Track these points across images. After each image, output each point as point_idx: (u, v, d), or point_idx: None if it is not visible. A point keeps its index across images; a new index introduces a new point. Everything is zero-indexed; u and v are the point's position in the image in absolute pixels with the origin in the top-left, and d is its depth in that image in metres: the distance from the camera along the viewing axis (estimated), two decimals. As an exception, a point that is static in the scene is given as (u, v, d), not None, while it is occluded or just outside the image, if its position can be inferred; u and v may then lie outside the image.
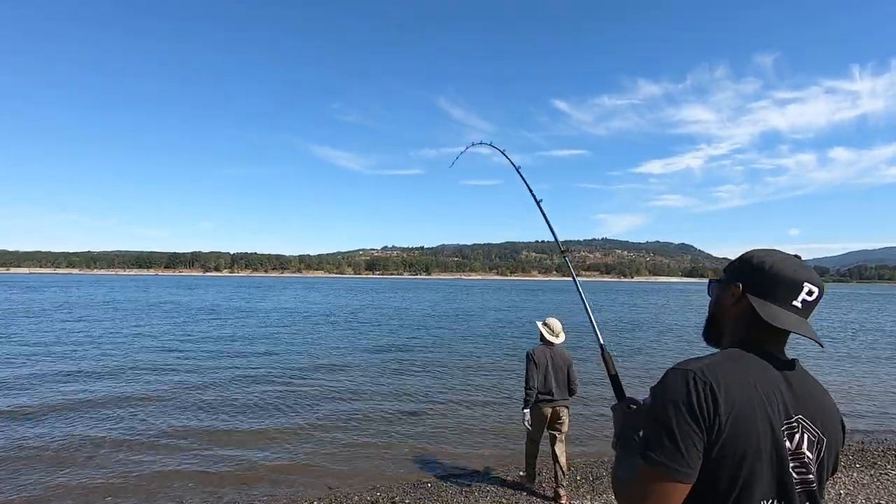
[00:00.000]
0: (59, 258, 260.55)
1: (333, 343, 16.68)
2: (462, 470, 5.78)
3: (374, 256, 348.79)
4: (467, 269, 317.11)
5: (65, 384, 9.96)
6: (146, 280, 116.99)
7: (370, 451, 6.44)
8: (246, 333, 19.07)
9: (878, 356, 15.38)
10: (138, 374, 11.03)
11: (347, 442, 6.76)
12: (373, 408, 8.44)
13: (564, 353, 5.07)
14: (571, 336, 7.15)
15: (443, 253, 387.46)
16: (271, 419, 7.77)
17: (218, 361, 12.75)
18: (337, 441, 6.79)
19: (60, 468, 5.80)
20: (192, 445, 6.60)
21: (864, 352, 16.26)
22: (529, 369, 4.89)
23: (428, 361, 13.15)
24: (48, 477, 5.56)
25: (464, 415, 8.12)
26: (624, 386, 1.61)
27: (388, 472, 5.79)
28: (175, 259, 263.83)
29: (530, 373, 4.87)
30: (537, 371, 4.87)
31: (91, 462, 6.02)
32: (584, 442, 6.90)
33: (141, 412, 8.04)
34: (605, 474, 5.68)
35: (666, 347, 16.70)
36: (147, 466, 5.90)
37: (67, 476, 5.61)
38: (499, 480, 5.46)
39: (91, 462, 6.02)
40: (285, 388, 9.79)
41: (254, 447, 6.57)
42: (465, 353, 14.68)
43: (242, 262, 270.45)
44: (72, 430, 7.18)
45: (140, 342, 16.04)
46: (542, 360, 4.92)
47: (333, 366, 12.40)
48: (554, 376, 4.89)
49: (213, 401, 8.78)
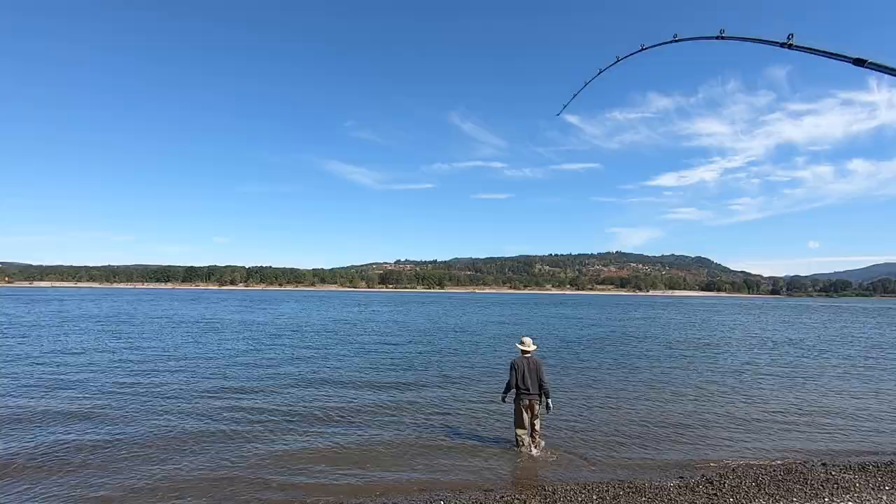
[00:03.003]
0: (81, 272, 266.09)
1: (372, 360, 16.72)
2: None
3: (387, 270, 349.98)
4: (480, 282, 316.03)
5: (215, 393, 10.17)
6: (175, 294, 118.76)
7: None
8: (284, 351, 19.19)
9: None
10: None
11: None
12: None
13: (537, 360, 7.35)
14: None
15: (455, 266, 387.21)
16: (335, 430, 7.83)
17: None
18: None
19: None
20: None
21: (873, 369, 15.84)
22: (511, 372, 7.30)
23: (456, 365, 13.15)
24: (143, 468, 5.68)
25: (474, 407, 8.31)
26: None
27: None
28: (192, 273, 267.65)
29: (511, 374, 7.28)
30: (517, 373, 7.20)
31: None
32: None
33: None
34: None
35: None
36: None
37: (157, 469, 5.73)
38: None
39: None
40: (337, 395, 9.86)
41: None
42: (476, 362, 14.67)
43: (257, 275, 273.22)
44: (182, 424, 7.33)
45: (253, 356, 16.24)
46: (520, 365, 7.25)
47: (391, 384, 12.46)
48: (529, 377, 7.15)
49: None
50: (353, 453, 7.36)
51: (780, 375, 15.11)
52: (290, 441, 7.87)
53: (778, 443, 8.30)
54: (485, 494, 5.91)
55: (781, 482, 6.34)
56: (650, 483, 6.31)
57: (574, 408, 10.40)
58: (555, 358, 17.48)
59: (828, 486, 6.19)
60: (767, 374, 15.42)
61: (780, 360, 18.53)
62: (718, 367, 16.37)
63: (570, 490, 6.02)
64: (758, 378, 14.51)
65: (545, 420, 8.10)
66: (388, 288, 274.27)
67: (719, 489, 6.07)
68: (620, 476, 6.64)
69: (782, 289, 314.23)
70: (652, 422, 9.46)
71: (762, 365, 17.12)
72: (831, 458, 7.48)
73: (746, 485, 6.22)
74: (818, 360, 18.48)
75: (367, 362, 16.07)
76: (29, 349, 17.54)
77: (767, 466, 7.07)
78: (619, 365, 16.35)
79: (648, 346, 22.40)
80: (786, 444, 8.21)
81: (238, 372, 13.84)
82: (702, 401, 11.34)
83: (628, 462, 7.28)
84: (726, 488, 6.10)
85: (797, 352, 21.17)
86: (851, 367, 16.75)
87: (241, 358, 16.42)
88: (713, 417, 9.88)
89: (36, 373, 13.15)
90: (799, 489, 6.12)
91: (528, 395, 7.06)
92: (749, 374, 15.25)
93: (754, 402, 11.28)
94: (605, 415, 9.92)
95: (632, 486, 6.15)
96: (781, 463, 7.25)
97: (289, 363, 15.57)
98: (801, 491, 6.06)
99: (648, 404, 10.86)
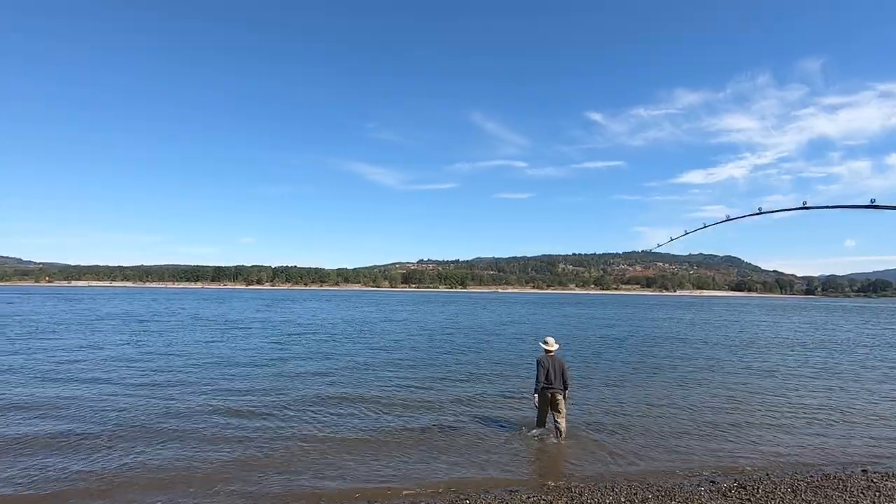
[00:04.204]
0: (116, 272, 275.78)
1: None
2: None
3: (409, 270, 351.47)
4: (503, 282, 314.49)
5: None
6: (203, 293, 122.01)
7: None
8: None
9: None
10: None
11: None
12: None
13: (560, 359, 8.03)
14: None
15: (478, 266, 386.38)
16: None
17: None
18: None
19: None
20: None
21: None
22: (538, 369, 7.88)
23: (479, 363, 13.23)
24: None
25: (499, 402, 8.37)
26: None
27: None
28: (220, 273, 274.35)
29: (538, 371, 7.85)
30: (543, 370, 7.79)
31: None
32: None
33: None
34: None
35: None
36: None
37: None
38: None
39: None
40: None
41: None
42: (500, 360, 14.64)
43: (283, 275, 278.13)
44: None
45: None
46: (545, 362, 7.85)
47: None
48: (553, 373, 7.79)
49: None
50: (381, 449, 7.44)
51: (814, 377, 14.59)
52: (316, 434, 7.99)
53: (815, 447, 8.02)
54: (510, 494, 5.88)
55: (819, 488, 6.13)
56: (680, 486, 6.18)
57: (602, 406, 10.29)
58: (580, 357, 17.28)
59: (869, 494, 5.96)
60: (801, 374, 14.92)
61: (815, 361, 17.90)
62: (750, 368, 15.92)
63: (597, 491, 5.94)
64: (791, 379, 14.05)
65: (569, 411, 8.42)
66: (410, 287, 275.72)
67: (753, 495, 5.89)
68: (649, 478, 6.52)
69: (817, 289, 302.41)
70: (681, 422, 9.26)
71: (796, 366, 16.58)
72: (872, 465, 7.19)
73: (782, 490, 6.03)
74: (856, 362, 17.78)
75: (392, 359, 16.18)
76: (64, 343, 18.32)
77: (804, 472, 6.84)
78: (646, 364, 16.06)
79: (676, 346, 21.96)
80: (823, 449, 7.93)
81: (263, 368, 14.13)
82: (733, 401, 11.04)
83: (657, 463, 7.15)
84: (760, 494, 5.92)
85: (833, 353, 20.42)
86: (891, 370, 16.07)
87: (267, 354, 16.75)
88: (745, 419, 9.61)
89: (74, 368, 13.71)
90: (838, 496, 5.90)
91: (552, 389, 7.79)
92: (782, 375, 14.78)
93: (788, 404, 10.93)
94: (634, 414, 9.77)
95: (661, 489, 6.03)
96: (819, 468, 7.01)
97: (313, 359, 15.80)
98: (840, 498, 5.85)
99: (677, 404, 10.64)
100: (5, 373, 12.92)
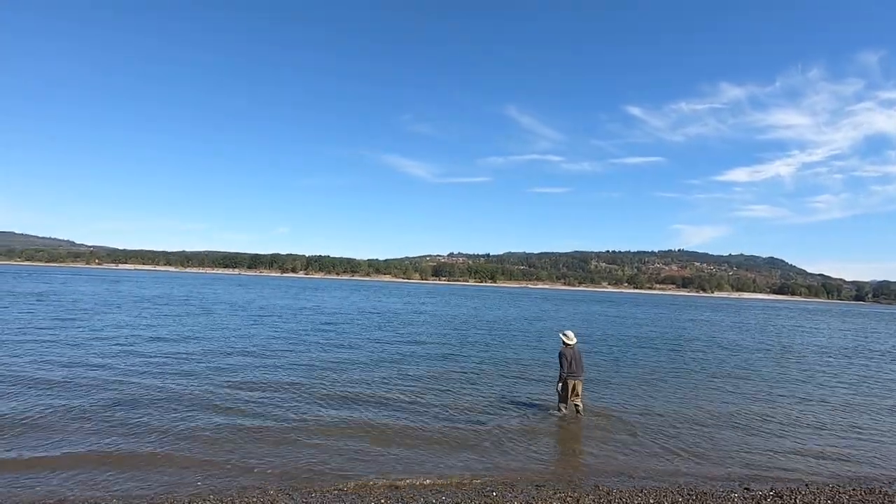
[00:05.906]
0: (159, 256, 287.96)
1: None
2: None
3: (440, 262, 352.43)
4: (533, 277, 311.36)
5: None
6: (241, 279, 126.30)
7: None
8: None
9: None
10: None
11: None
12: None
13: (579, 350, 9.09)
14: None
15: (508, 261, 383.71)
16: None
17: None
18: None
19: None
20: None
21: None
22: (561, 360, 8.89)
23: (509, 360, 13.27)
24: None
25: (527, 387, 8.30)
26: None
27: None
28: (256, 260, 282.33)
29: (561, 362, 8.86)
30: (566, 361, 8.79)
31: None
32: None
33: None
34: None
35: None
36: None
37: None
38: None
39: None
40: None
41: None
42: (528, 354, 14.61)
43: (316, 264, 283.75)
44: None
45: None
46: (567, 353, 8.85)
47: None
48: (574, 363, 8.81)
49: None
50: (405, 440, 7.54)
51: (859, 384, 13.91)
52: (341, 424, 8.18)
53: (858, 458, 7.66)
54: (537, 490, 5.86)
55: (861, 502, 5.86)
56: (713, 491, 6.03)
57: (634, 405, 10.13)
58: (611, 355, 17.00)
59: (917, 511, 5.65)
60: (844, 382, 14.24)
61: (860, 368, 17.02)
62: (789, 373, 15.29)
63: (625, 493, 5.85)
64: (834, 387, 13.42)
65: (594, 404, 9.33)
66: (440, 280, 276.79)
67: (790, 504, 5.69)
68: (680, 480, 6.39)
69: (867, 294, 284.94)
70: (716, 425, 9.02)
71: (838, 373, 15.81)
72: (922, 481, 6.81)
73: (821, 502, 5.80)
74: (908, 374, 16.79)
75: (418, 352, 16.35)
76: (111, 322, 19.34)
77: (846, 484, 6.55)
78: (679, 365, 15.65)
79: (710, 347, 21.29)
80: (867, 461, 7.56)
81: (290, 354, 14.53)
82: (771, 406, 10.66)
83: (688, 464, 6.99)
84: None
85: (879, 361, 19.35)
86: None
87: (294, 339, 17.22)
88: (783, 425, 9.26)
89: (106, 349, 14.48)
90: (883, 511, 5.63)
91: (574, 377, 8.82)
92: (823, 381, 14.14)
93: (830, 412, 10.46)
94: (667, 414, 9.57)
95: (692, 494, 5.89)
96: (862, 481, 6.70)
97: (342, 348, 16.15)
98: (886, 513, 5.58)
99: (712, 406, 10.35)
100: (62, 346, 13.76)
